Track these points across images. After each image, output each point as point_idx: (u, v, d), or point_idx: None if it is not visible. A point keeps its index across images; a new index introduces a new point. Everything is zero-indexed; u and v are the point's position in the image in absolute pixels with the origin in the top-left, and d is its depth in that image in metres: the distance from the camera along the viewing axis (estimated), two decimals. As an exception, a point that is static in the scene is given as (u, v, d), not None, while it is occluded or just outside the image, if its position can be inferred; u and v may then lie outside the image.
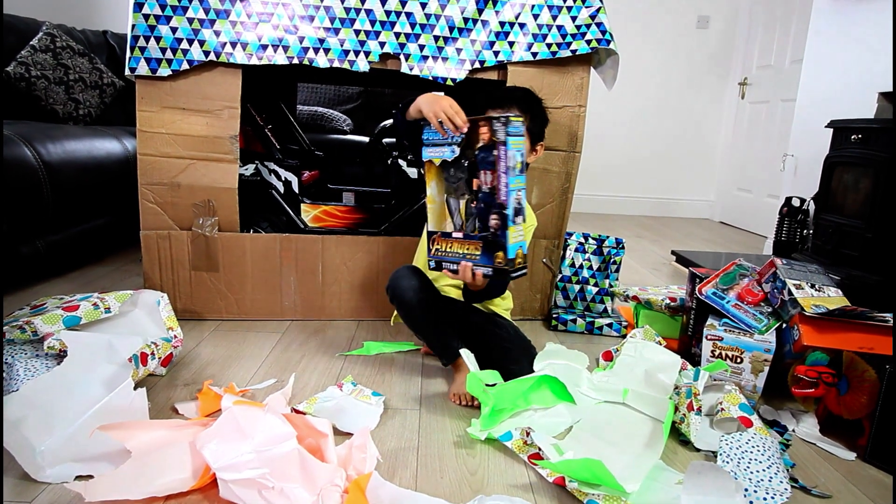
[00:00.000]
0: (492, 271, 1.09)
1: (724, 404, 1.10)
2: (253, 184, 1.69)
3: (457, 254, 1.13)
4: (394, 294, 1.26)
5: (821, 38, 2.61)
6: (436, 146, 1.13)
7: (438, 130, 1.12)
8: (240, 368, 1.29)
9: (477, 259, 1.10)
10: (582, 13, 1.50)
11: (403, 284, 1.24)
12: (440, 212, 1.16)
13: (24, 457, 0.86)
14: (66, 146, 1.82)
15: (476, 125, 1.07)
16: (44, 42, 2.24)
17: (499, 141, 1.03)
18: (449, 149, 1.11)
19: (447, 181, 1.13)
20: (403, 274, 1.26)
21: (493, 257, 1.08)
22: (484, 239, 1.09)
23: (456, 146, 1.10)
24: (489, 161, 1.05)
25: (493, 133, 1.04)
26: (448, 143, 1.11)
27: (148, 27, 1.37)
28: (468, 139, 1.08)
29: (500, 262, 1.07)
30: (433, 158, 1.14)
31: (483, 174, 1.07)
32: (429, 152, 1.14)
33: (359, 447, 0.92)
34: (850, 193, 2.00)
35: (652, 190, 4.09)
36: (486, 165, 1.06)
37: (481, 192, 1.08)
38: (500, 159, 1.04)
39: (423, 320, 1.25)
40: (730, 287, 1.33)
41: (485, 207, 1.08)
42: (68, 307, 1.14)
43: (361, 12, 1.44)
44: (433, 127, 1.12)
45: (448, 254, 1.15)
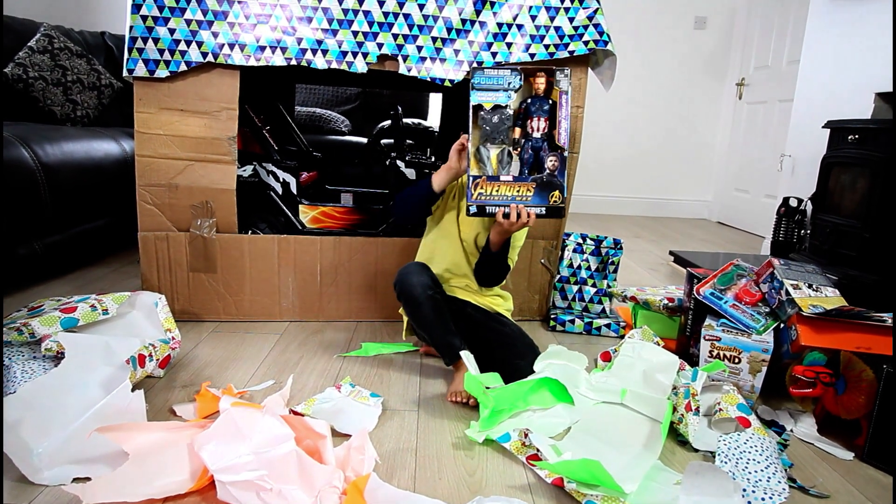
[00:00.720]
0: (545, 210, 1.19)
1: (722, 404, 1.10)
2: (251, 185, 1.69)
3: (505, 196, 1.19)
4: (402, 290, 1.26)
5: (818, 39, 2.61)
6: (489, 91, 1.19)
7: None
8: (238, 370, 1.29)
9: (529, 200, 1.19)
10: (579, 14, 1.50)
11: (412, 280, 1.24)
12: (475, 161, 1.20)
13: (22, 459, 0.86)
14: (63, 147, 1.81)
15: (532, 74, 1.17)
16: (41, 43, 2.24)
17: (562, 90, 1.17)
18: (505, 94, 1.18)
19: (484, 127, 1.19)
20: (412, 270, 1.26)
21: (549, 197, 1.18)
22: (538, 180, 1.18)
23: (513, 91, 1.18)
24: (544, 109, 1.18)
25: (556, 83, 1.17)
26: (504, 88, 1.18)
27: (146, 29, 1.37)
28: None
29: (556, 201, 1.18)
30: (485, 102, 1.19)
31: (536, 121, 1.17)
32: (479, 97, 1.19)
33: (357, 448, 0.92)
34: (847, 193, 2.01)
35: (650, 190, 4.10)
36: (541, 113, 1.18)
37: (530, 139, 1.18)
38: (563, 107, 1.18)
39: (430, 318, 1.24)
40: (727, 287, 1.33)
41: (533, 153, 1.18)
42: (66, 309, 1.14)
43: (359, 14, 1.44)
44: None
45: (494, 197, 1.19)
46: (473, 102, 1.18)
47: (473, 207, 1.20)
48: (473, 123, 1.18)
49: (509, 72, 1.18)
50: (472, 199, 1.19)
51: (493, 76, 1.18)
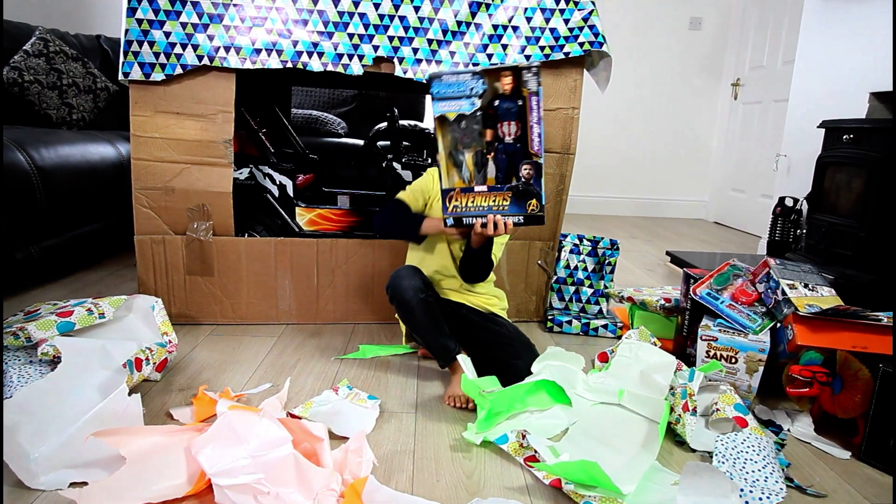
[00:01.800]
0: (522, 219, 1.12)
1: (719, 404, 1.10)
2: (248, 187, 1.69)
3: (481, 207, 1.14)
4: (394, 293, 1.26)
5: (812, 39, 2.62)
6: (451, 100, 1.10)
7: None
8: (235, 373, 1.28)
9: (506, 209, 1.13)
10: (574, 16, 1.51)
11: (404, 284, 1.24)
12: (450, 167, 1.14)
13: (18, 464, 0.86)
14: (59, 151, 1.81)
15: (496, 75, 1.07)
16: (37, 47, 2.24)
17: (531, 91, 1.05)
18: (468, 101, 1.09)
19: (453, 133, 1.11)
20: (404, 274, 1.26)
21: (526, 205, 1.11)
22: (514, 189, 1.11)
23: (476, 98, 1.08)
24: (512, 112, 1.07)
25: (522, 84, 1.05)
26: (466, 95, 1.09)
27: (141, 32, 1.37)
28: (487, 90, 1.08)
29: (535, 209, 1.11)
30: (447, 113, 1.10)
31: (506, 125, 1.08)
32: (441, 107, 1.11)
33: (355, 451, 0.92)
34: (843, 193, 2.01)
35: (646, 191, 4.11)
36: (510, 116, 1.07)
37: (502, 143, 1.09)
38: (532, 109, 1.06)
39: (423, 321, 1.24)
40: (724, 287, 1.33)
41: (508, 158, 1.09)
42: (62, 313, 1.13)
43: (355, 16, 1.45)
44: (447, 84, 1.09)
45: (470, 208, 1.14)
46: (435, 114, 1.10)
47: (450, 220, 1.16)
48: (441, 133, 1.11)
49: (470, 76, 1.07)
50: (447, 213, 1.15)
51: (452, 83, 1.08)
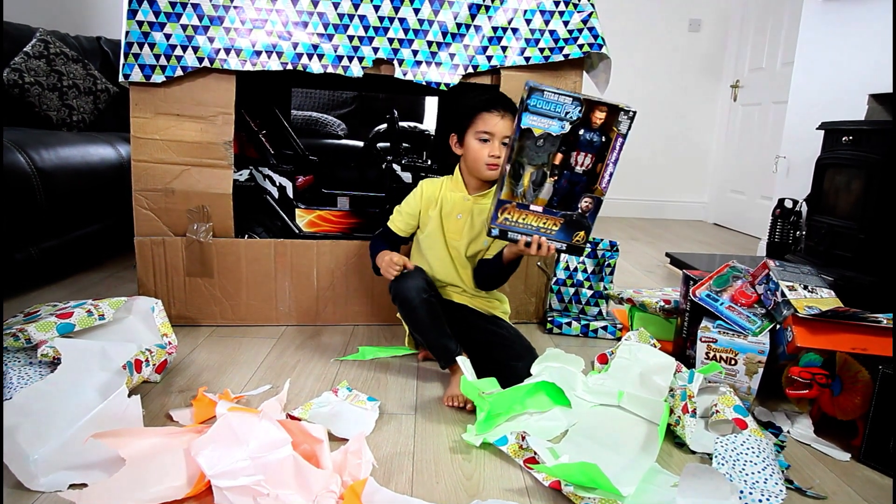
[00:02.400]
0: (565, 247, 1.14)
1: (718, 406, 1.10)
2: (247, 189, 1.69)
3: (530, 226, 1.14)
4: (396, 292, 1.26)
5: (811, 41, 2.63)
6: (544, 116, 1.08)
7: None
8: (235, 374, 1.28)
9: (553, 234, 1.14)
10: (574, 18, 1.51)
11: (407, 284, 1.24)
12: (510, 176, 1.12)
13: (18, 465, 0.86)
14: (59, 152, 1.81)
15: (594, 106, 1.06)
16: (37, 48, 2.24)
17: (620, 133, 1.07)
18: (559, 123, 1.07)
19: (528, 148, 1.09)
20: (408, 274, 1.26)
21: (573, 235, 1.13)
22: (568, 218, 1.12)
23: (568, 123, 1.07)
24: (594, 144, 1.07)
25: (615, 123, 1.07)
26: (560, 117, 1.07)
27: (142, 34, 1.37)
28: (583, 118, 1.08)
29: (580, 241, 1.13)
30: (534, 128, 1.08)
31: (580, 155, 1.08)
32: (531, 120, 1.08)
33: (354, 453, 0.92)
34: (842, 195, 2.02)
35: (645, 192, 4.11)
36: (589, 148, 1.08)
37: (570, 171, 1.09)
38: (615, 150, 1.08)
39: (425, 321, 1.24)
40: (723, 289, 1.33)
41: (569, 186, 1.10)
42: (62, 314, 1.13)
43: (355, 18, 1.45)
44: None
45: (519, 224, 1.13)
46: (524, 125, 1.07)
47: (496, 230, 1.14)
48: (518, 145, 1.08)
49: (570, 100, 1.06)
50: (495, 223, 1.13)
51: (552, 101, 1.06)
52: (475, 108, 1.26)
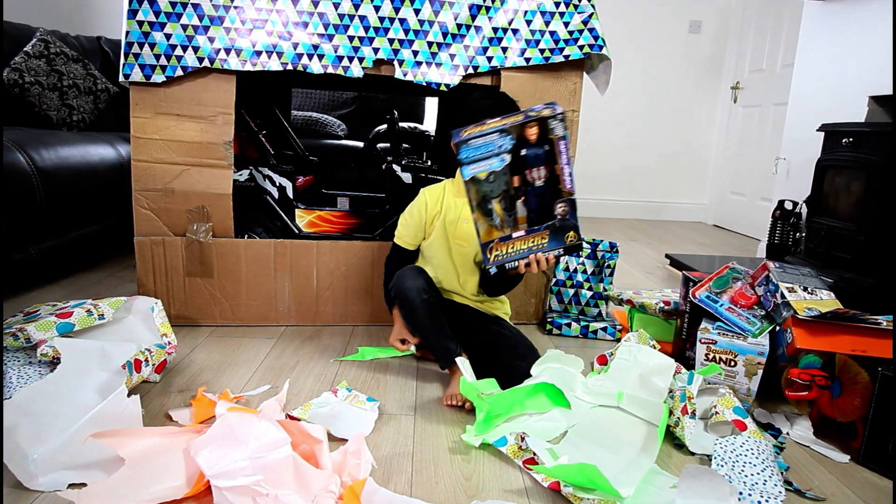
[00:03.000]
0: (563, 250, 1.15)
1: (718, 408, 1.10)
2: (247, 189, 1.69)
3: (521, 250, 1.15)
4: (397, 293, 1.26)
5: (812, 43, 2.63)
6: (481, 160, 1.09)
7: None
8: (234, 374, 1.28)
9: (545, 246, 1.14)
10: (574, 19, 1.51)
11: (408, 284, 1.24)
12: (480, 218, 1.13)
13: (17, 465, 0.86)
14: (59, 152, 1.81)
15: (522, 128, 1.07)
16: (38, 48, 2.24)
17: (558, 137, 1.06)
18: (497, 158, 1.08)
19: (483, 189, 1.10)
20: (408, 274, 1.27)
21: (564, 238, 1.14)
22: (551, 227, 1.13)
23: (506, 154, 1.08)
24: (540, 157, 1.08)
25: (549, 131, 1.06)
26: (496, 154, 1.08)
27: (142, 34, 1.37)
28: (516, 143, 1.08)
29: (573, 240, 1.14)
30: (478, 174, 1.09)
31: (534, 171, 1.09)
32: (472, 169, 1.09)
33: (353, 453, 0.92)
34: (842, 196, 2.02)
35: (645, 193, 4.11)
36: (538, 162, 1.08)
37: (532, 187, 1.10)
38: (562, 153, 1.08)
39: (425, 321, 1.25)
40: (723, 290, 1.34)
41: (539, 199, 1.11)
42: (62, 314, 1.13)
43: (355, 18, 1.45)
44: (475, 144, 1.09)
45: (511, 254, 1.15)
46: (466, 177, 1.08)
47: (494, 269, 1.16)
48: (472, 193, 1.09)
49: (497, 135, 1.06)
50: (489, 263, 1.15)
51: (480, 145, 1.06)
52: (478, 113, 1.25)
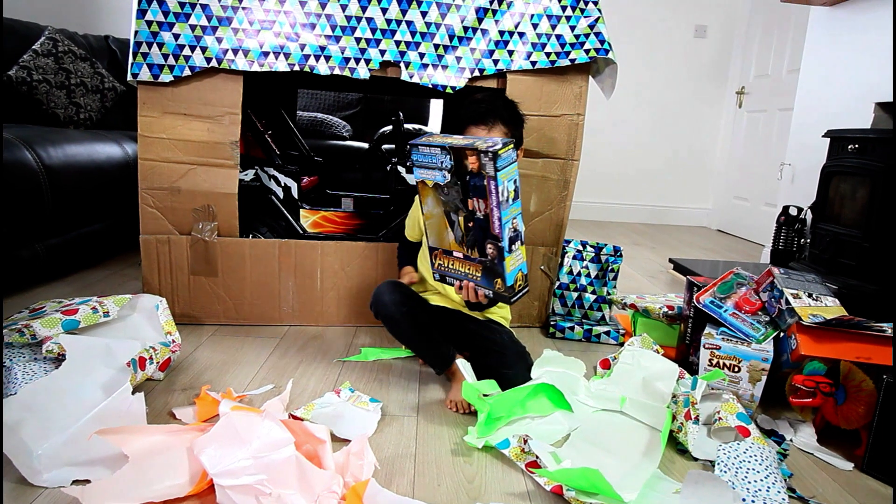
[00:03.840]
0: (492, 294, 1.09)
1: (721, 413, 1.10)
2: (253, 189, 1.69)
3: (458, 272, 1.13)
4: (377, 311, 1.27)
5: (817, 49, 2.63)
6: (427, 168, 1.08)
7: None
8: (237, 373, 1.29)
9: (478, 280, 1.09)
10: (580, 23, 1.51)
11: (385, 300, 1.25)
12: (440, 225, 1.13)
13: (22, 461, 0.86)
14: (66, 150, 1.82)
15: (462, 153, 1.01)
16: (46, 46, 2.25)
17: (489, 175, 0.98)
18: (440, 173, 1.06)
19: (442, 197, 1.09)
20: (384, 290, 1.27)
21: (493, 282, 1.07)
22: (483, 264, 1.07)
23: (447, 171, 1.04)
24: (480, 188, 1.00)
25: (482, 166, 0.98)
26: (438, 167, 1.06)
27: (151, 33, 1.38)
28: (457, 166, 1.03)
29: (500, 289, 1.06)
30: (425, 180, 1.10)
31: (476, 201, 1.02)
32: (420, 173, 1.10)
33: (356, 454, 0.92)
34: (847, 203, 2.01)
35: (649, 197, 4.11)
36: (478, 192, 1.01)
37: (476, 216, 1.04)
38: (491, 194, 0.98)
39: (410, 333, 1.25)
40: (727, 296, 1.33)
41: (481, 232, 1.04)
42: (67, 311, 1.14)
43: (362, 20, 1.45)
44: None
45: (451, 270, 1.15)
46: (416, 179, 1.11)
47: (437, 275, 1.19)
48: (423, 194, 1.11)
49: (440, 150, 1.03)
50: (434, 269, 1.18)
51: (426, 153, 1.06)
52: (463, 121, 1.28)
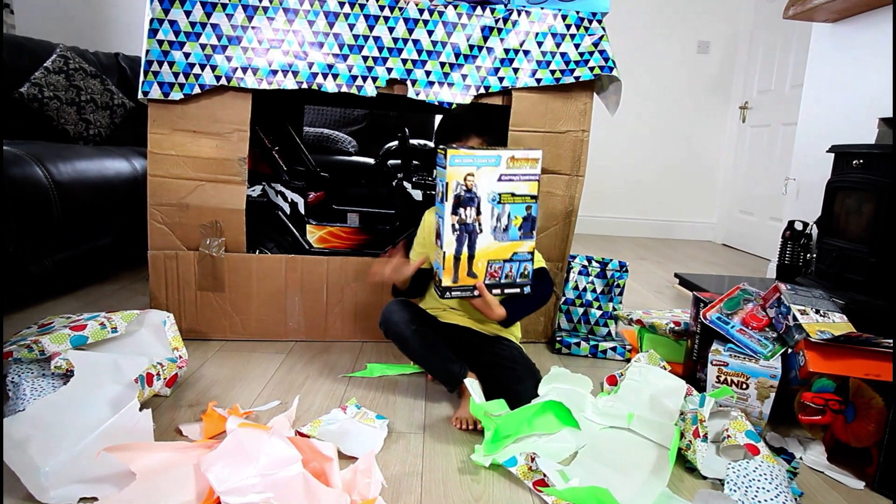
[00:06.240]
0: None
1: (730, 431, 1.09)
2: (260, 205, 1.70)
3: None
4: (387, 330, 1.28)
5: (820, 64, 2.64)
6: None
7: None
8: (244, 389, 1.29)
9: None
10: (585, 41, 1.53)
11: (395, 319, 1.26)
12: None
13: (29, 477, 0.86)
14: (76, 166, 1.84)
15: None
16: (57, 64, 2.29)
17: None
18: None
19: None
20: (394, 309, 1.28)
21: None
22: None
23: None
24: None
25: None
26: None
27: (162, 52, 1.40)
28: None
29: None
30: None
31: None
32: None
33: (363, 472, 0.91)
34: (853, 218, 2.01)
35: (654, 212, 4.11)
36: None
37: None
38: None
39: (421, 351, 1.26)
40: (734, 312, 1.33)
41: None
42: (75, 326, 1.14)
43: (370, 39, 1.47)
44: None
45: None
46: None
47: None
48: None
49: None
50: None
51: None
52: (439, 141, 1.32)
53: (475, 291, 1.17)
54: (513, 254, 1.17)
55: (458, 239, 1.13)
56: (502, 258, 1.17)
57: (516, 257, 1.18)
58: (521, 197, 1.15)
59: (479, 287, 1.17)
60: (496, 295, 1.19)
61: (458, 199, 1.11)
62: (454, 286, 1.16)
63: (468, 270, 1.15)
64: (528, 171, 1.14)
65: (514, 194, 1.14)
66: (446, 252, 1.13)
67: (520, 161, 1.12)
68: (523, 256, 1.18)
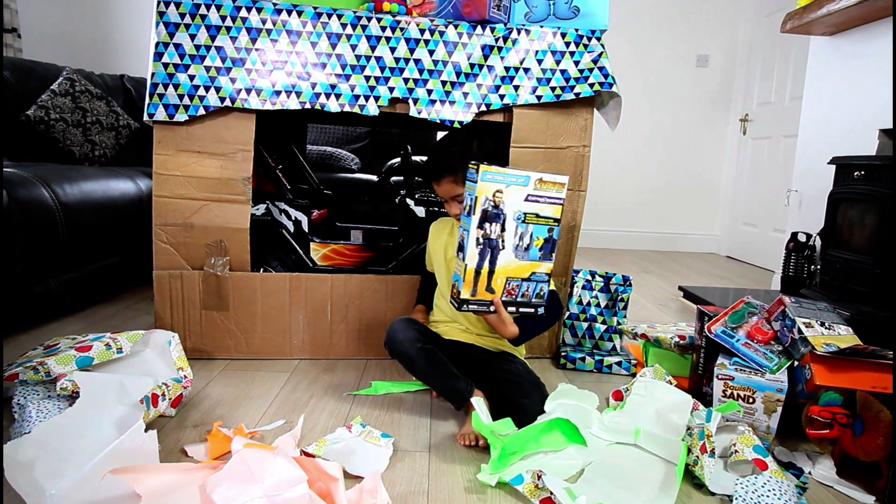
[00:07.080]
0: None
1: (737, 446, 1.08)
2: (264, 223, 1.72)
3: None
4: (392, 349, 1.28)
5: (819, 77, 2.66)
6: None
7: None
8: (249, 409, 1.28)
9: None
10: (584, 58, 1.55)
11: (399, 338, 1.26)
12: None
13: (35, 500, 0.86)
14: (82, 187, 1.86)
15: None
16: (63, 86, 2.32)
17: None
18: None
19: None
20: (398, 328, 1.28)
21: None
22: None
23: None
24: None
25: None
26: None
27: (167, 75, 1.43)
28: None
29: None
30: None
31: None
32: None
33: (370, 492, 0.91)
34: (856, 229, 2.01)
35: (657, 225, 4.12)
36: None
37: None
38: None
39: (427, 369, 1.25)
40: (739, 325, 1.33)
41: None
42: (81, 347, 1.15)
43: (372, 59, 1.50)
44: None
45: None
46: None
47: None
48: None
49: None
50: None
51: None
52: (443, 174, 1.32)
53: (491, 307, 1.17)
54: (531, 273, 1.18)
55: (481, 253, 1.13)
56: (521, 276, 1.17)
57: (534, 277, 1.18)
58: (545, 219, 1.16)
59: (495, 303, 1.17)
60: (511, 313, 1.19)
61: (486, 213, 1.12)
62: (472, 299, 1.15)
63: (487, 285, 1.15)
64: (553, 195, 1.15)
65: (539, 215, 1.15)
66: (468, 265, 1.13)
67: (547, 184, 1.14)
68: (541, 277, 1.19)
